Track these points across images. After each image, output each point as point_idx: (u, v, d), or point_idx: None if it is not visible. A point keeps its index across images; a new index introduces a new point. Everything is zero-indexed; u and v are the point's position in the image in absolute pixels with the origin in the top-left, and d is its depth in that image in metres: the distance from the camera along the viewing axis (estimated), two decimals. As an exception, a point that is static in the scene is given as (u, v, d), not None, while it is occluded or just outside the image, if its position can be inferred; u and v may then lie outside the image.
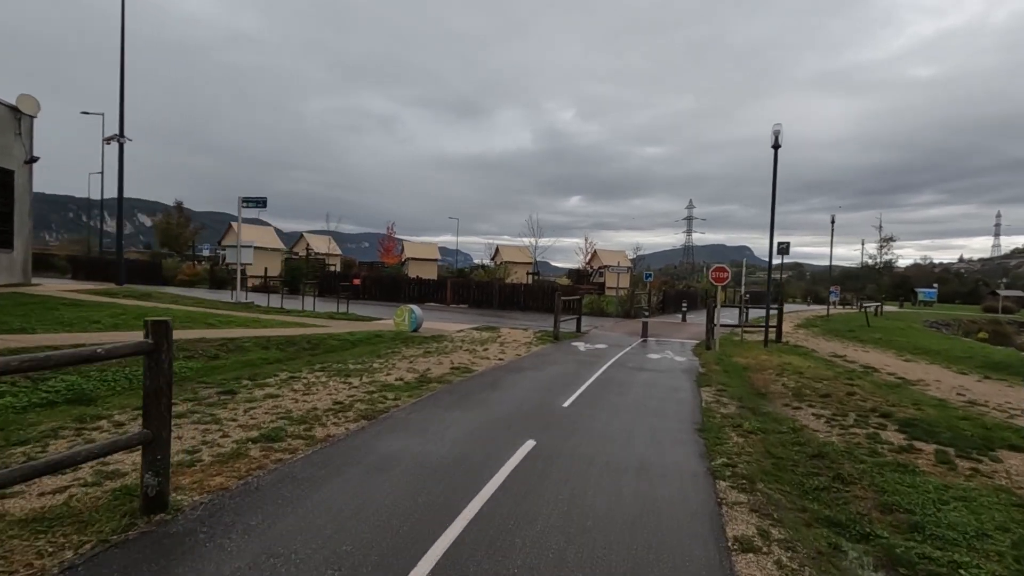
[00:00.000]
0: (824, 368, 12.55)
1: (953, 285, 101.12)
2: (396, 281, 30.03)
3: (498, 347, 13.80)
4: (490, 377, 9.76)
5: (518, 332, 17.72)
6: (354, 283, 30.22)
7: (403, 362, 10.72)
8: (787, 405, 8.77)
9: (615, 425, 6.95)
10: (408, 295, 29.74)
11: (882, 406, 8.71)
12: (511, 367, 10.97)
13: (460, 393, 8.31)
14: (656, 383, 10.13)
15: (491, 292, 28.54)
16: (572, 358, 12.74)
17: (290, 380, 8.53)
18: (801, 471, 5.65)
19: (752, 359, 13.60)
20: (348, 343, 12.48)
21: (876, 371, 12.80)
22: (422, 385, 8.71)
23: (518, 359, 12.10)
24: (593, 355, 13.42)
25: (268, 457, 5.11)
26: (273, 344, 10.86)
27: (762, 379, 11.10)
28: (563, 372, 10.72)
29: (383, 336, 14.06)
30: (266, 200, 19.11)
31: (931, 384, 11.31)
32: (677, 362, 13.03)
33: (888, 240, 35.14)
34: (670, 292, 33.56)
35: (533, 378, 9.90)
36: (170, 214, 66.38)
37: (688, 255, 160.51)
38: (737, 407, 8.43)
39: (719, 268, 14.90)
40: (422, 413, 7.01)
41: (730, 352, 14.87)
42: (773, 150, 15.64)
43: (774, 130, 15.56)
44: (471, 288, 28.97)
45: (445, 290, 29.10)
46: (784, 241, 17.21)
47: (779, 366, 12.44)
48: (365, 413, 6.81)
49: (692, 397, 9.04)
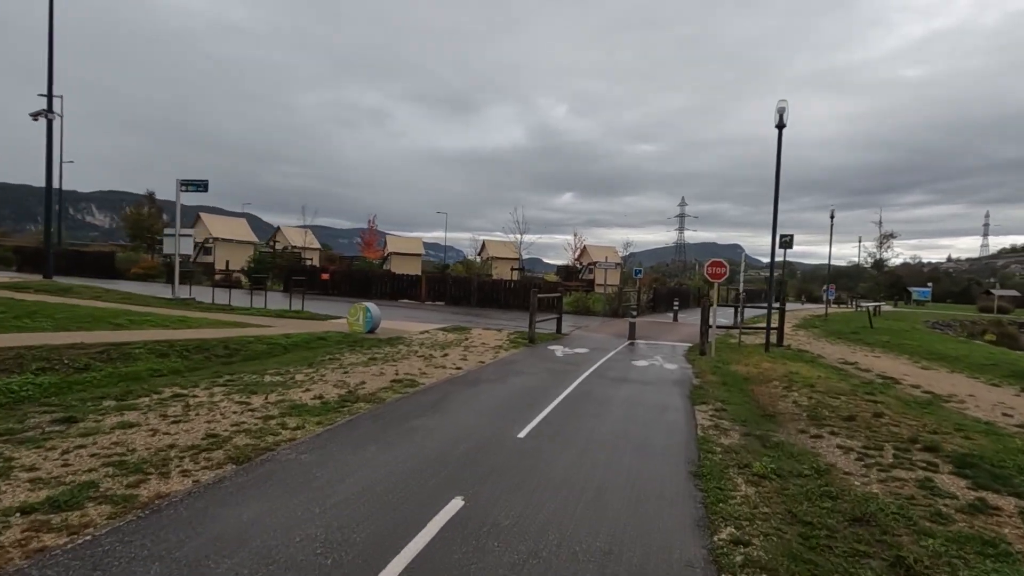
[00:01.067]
0: (837, 379, 10.89)
1: (945, 284, 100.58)
2: (368, 276, 28.14)
3: (461, 352, 12.00)
4: (436, 394, 7.96)
5: (490, 333, 15.94)
6: (322, 278, 28.31)
7: (335, 373, 8.89)
8: (803, 432, 7.05)
9: (582, 470, 5.19)
10: (380, 291, 27.84)
11: (921, 433, 7.02)
12: (467, 379, 9.18)
13: (387, 418, 6.51)
14: (641, 400, 8.39)
15: (469, 289, 26.73)
16: (545, 366, 10.97)
17: (171, 400, 6.68)
18: (842, 551, 3.91)
19: (753, 367, 11.92)
20: (279, 348, 10.63)
21: (896, 383, 11.17)
22: (344, 406, 6.90)
23: (480, 368, 10.32)
24: (570, 362, 11.67)
25: (26, 545, 3.29)
26: (177, 350, 8.98)
27: (767, 394, 9.40)
28: (530, 385, 8.94)
29: (328, 339, 12.21)
30: (207, 183, 17.15)
31: (965, 400, 9.67)
32: (667, 371, 11.31)
33: (888, 236, 34.03)
34: (661, 290, 31.94)
35: (490, 394, 8.11)
36: (140, 204, 63.72)
37: (680, 253, 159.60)
38: (741, 435, 6.71)
39: (716, 263, 13.21)
40: (321, 452, 5.20)
41: (727, 358, 13.19)
42: (777, 130, 13.96)
43: (778, 107, 13.88)
44: (448, 284, 27.13)
45: (420, 286, 27.24)
46: (787, 234, 15.57)
47: (785, 376, 10.75)
48: (240, 453, 4.99)
49: (685, 420, 7.30)
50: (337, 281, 28.30)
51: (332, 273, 28.43)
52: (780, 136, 14.00)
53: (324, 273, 28.31)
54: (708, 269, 13.29)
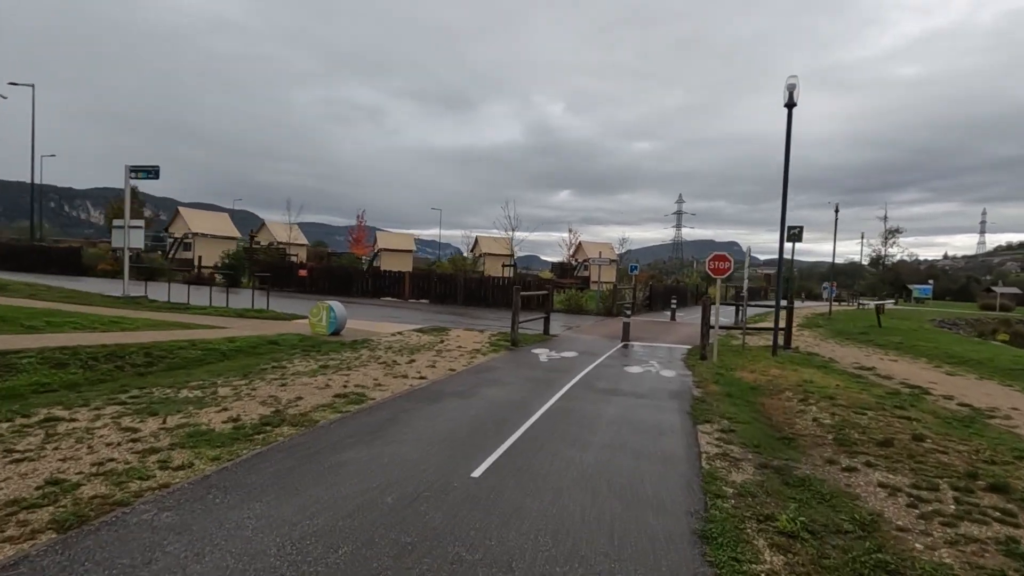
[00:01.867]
0: (858, 389, 9.58)
1: (943, 282, 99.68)
2: (348, 273, 26.72)
3: (431, 357, 10.64)
4: (384, 413, 6.59)
5: (471, 335, 14.58)
6: (300, 275, 26.91)
7: (271, 386, 7.52)
8: (832, 462, 5.73)
9: (547, 530, 3.83)
10: (362, 289, 26.43)
11: (978, 464, 5.70)
12: (429, 392, 7.82)
13: (309, 450, 5.14)
14: (633, 419, 7.05)
15: (455, 286, 25.35)
16: (525, 374, 9.62)
17: (36, 427, 5.31)
18: None
19: (761, 374, 10.60)
20: (216, 355, 9.24)
21: (926, 393, 9.86)
22: (261, 432, 5.54)
23: (448, 377, 8.96)
24: (555, 368, 10.32)
25: None
26: (81, 359, 7.59)
27: (781, 408, 8.08)
28: (503, 399, 7.59)
29: (281, 343, 10.83)
30: (158, 169, 15.72)
31: (1012, 416, 8.37)
32: (664, 379, 9.97)
33: (894, 232, 32.66)
34: (657, 287, 30.65)
35: (452, 413, 6.75)
36: (121, 198, 61.99)
37: (677, 250, 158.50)
38: (756, 467, 5.38)
39: (718, 257, 11.86)
40: (192, 508, 3.83)
41: (731, 363, 11.87)
42: (787, 109, 12.61)
43: (788, 84, 12.54)
44: (432, 281, 25.76)
45: (403, 284, 25.86)
46: (796, 226, 14.22)
47: (799, 386, 9.43)
48: (74, 513, 3.63)
49: (686, 447, 5.96)
50: (316, 278, 26.88)
51: (311, 270, 27.01)
52: (790, 116, 12.66)
53: (302, 269, 26.89)
54: (710, 264, 11.95)
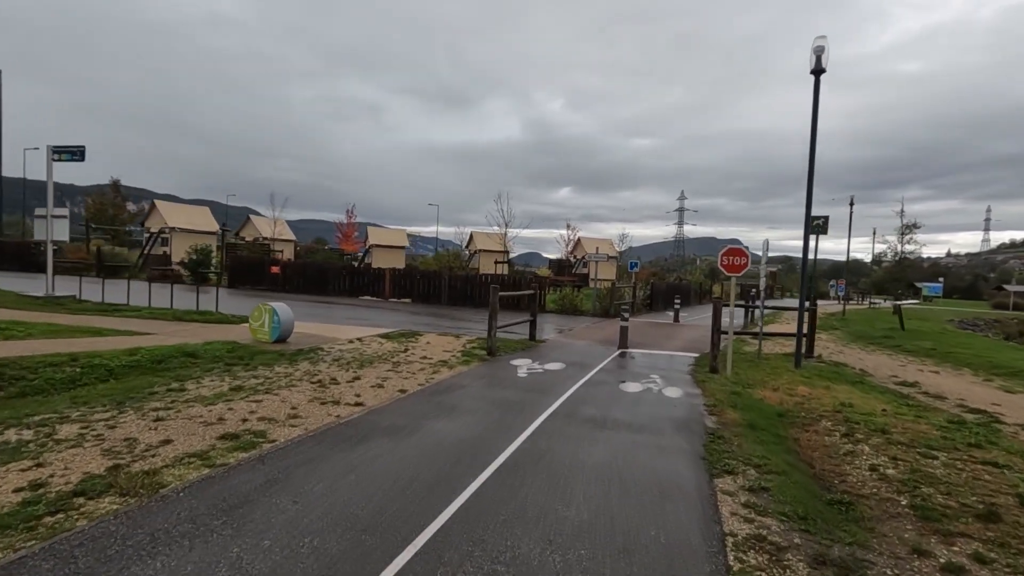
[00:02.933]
0: (911, 415, 7.70)
1: (949, 280, 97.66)
2: (323, 270, 24.85)
3: (383, 373, 8.76)
4: (271, 468, 4.70)
5: (444, 341, 12.71)
6: (272, 272, 25.05)
7: (143, 420, 5.65)
8: (922, 553, 3.85)
9: None
10: (339, 287, 24.55)
11: None
12: (357, 427, 5.94)
13: (98, 555, 3.26)
14: (626, 470, 5.16)
15: (439, 284, 23.46)
16: (493, 397, 7.74)
17: None
18: None
19: (786, 393, 8.73)
20: (100, 372, 7.36)
21: (994, 420, 7.98)
22: (61, 509, 3.67)
23: (393, 402, 7.08)
24: (533, 387, 8.44)
25: None
26: None
27: (822, 447, 6.20)
28: (451, 440, 5.71)
29: (201, 355, 8.94)
30: (83, 150, 13.83)
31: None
32: (668, 402, 8.09)
33: (911, 227, 30.57)
34: (659, 285, 28.73)
35: (370, 467, 4.87)
36: (104, 194, 60.13)
37: (679, 248, 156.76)
38: (810, 567, 3.51)
39: (734, 251, 9.93)
40: None
41: (748, 377, 9.99)
42: (814, 76, 10.69)
43: (816, 47, 10.62)
44: (415, 279, 23.86)
45: (384, 282, 23.96)
46: (821, 216, 12.28)
47: (837, 411, 7.56)
48: None
49: (701, 525, 4.08)
50: (290, 276, 24.99)
51: (284, 267, 25.11)
52: (817, 84, 10.73)
53: (274, 266, 25.01)
54: (723, 259, 10.03)
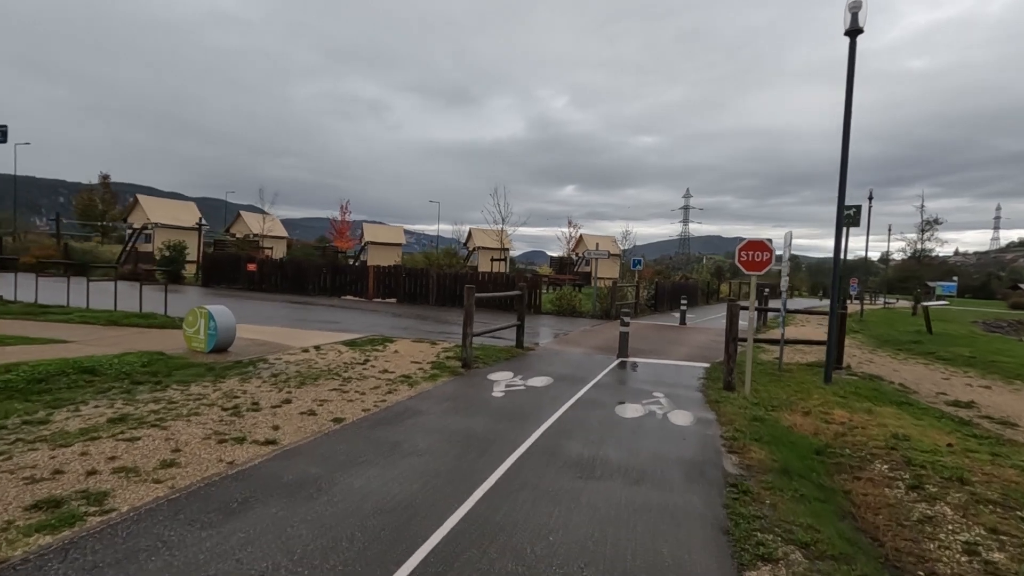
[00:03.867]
0: (983, 451, 6.08)
1: (961, 279, 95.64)
2: (302, 268, 23.31)
3: (326, 394, 7.17)
4: (71, 568, 3.12)
5: (416, 349, 11.13)
6: (249, 269, 23.53)
7: (-60, 475, 4.09)
8: None
9: None
10: (319, 286, 22.99)
11: None
12: (258, 477, 4.36)
13: None
14: (620, 553, 3.56)
15: (426, 283, 21.87)
16: (454, 427, 6.15)
17: None
18: None
19: (821, 418, 7.12)
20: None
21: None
22: None
23: (320, 437, 5.49)
24: (508, 412, 6.85)
25: None
26: None
27: (883, 505, 4.60)
28: (379, 499, 4.12)
29: (105, 371, 7.36)
30: (5, 129, 12.29)
31: None
32: (675, 433, 6.48)
33: (932, 223, 28.39)
34: (664, 284, 27.08)
35: (249, 545, 3.29)
36: (93, 190, 58.75)
37: (684, 246, 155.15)
38: None
39: (755, 244, 8.25)
40: None
41: (770, 395, 8.37)
42: (848, 38, 9.04)
43: (851, 3, 8.98)
44: (400, 278, 22.26)
45: (367, 280, 22.38)
46: (853, 206, 10.60)
47: (891, 448, 5.94)
48: None
49: None
50: (267, 274, 23.45)
51: (260, 264, 23.57)
52: (853, 46, 9.07)
53: (250, 263, 23.48)
54: (741, 254, 8.37)
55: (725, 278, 59.00)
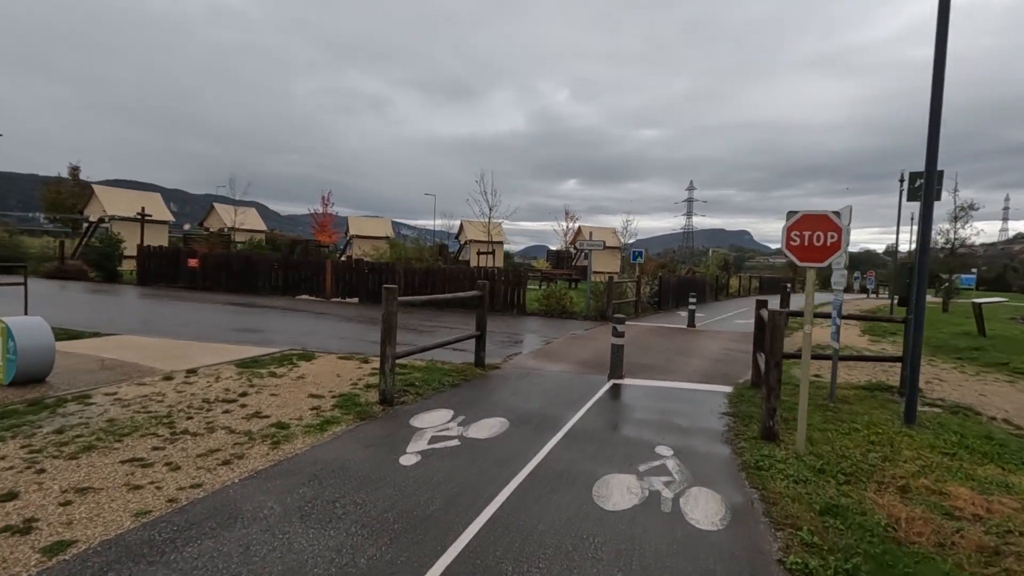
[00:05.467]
0: None
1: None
2: (251, 262, 20.43)
3: (117, 467, 4.35)
4: None
5: (338, 369, 8.25)
6: (190, 265, 20.69)
7: None
8: None
9: None
10: (271, 283, 20.13)
11: None
12: None
13: None
14: None
15: (392, 280, 19.01)
16: (299, 548, 3.31)
17: None
18: None
19: (935, 505, 4.28)
20: None
21: None
22: None
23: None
24: (413, 507, 4.00)
25: None
26: None
27: None
28: None
29: None
30: None
31: None
32: (697, 549, 3.63)
33: (967, 209, 25.43)
34: (669, 279, 24.21)
35: None
36: (61, 183, 55.90)
37: (688, 239, 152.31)
38: None
39: (814, 219, 5.21)
40: None
41: (837, 451, 5.51)
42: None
43: None
44: (363, 274, 19.38)
45: (324, 277, 19.51)
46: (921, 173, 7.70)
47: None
48: None
49: None
50: (211, 270, 20.59)
51: (203, 259, 20.70)
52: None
53: (192, 258, 20.61)
54: (793, 236, 5.37)
55: (732, 271, 56.07)
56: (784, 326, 5.90)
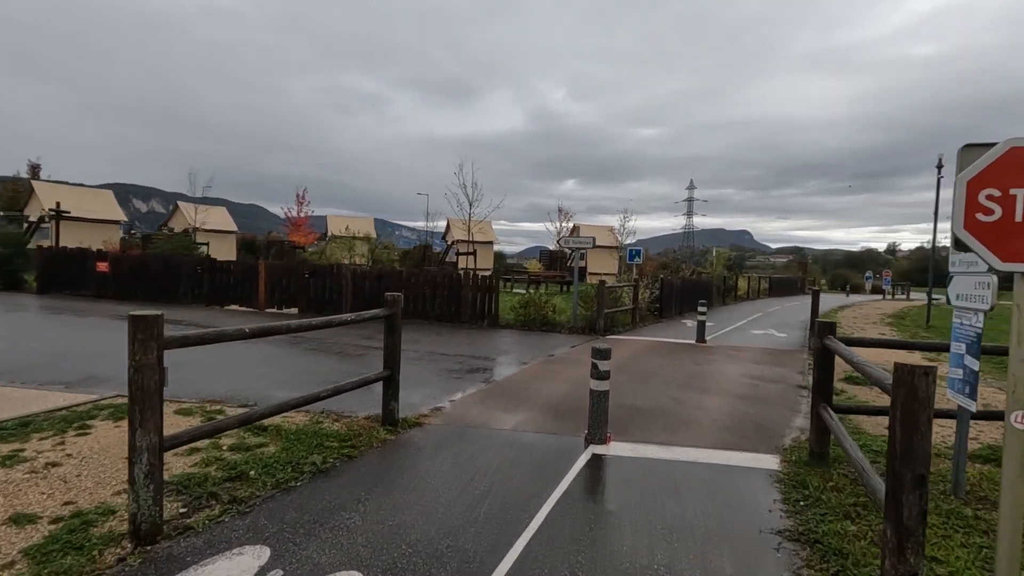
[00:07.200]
0: None
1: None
2: (170, 266, 17.28)
3: None
4: None
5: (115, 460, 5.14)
6: (99, 269, 17.56)
7: None
8: None
9: None
10: (194, 290, 16.98)
11: None
12: None
13: None
14: None
15: (340, 285, 15.89)
16: None
17: None
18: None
19: None
20: None
21: None
22: None
23: None
24: None
25: None
26: None
27: None
28: None
29: None
30: None
31: None
32: None
33: None
34: (672, 282, 21.13)
35: None
36: (18, 181, 52.62)
37: (689, 239, 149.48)
38: None
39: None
40: None
41: None
42: None
43: None
44: (303, 279, 16.24)
45: (257, 282, 16.37)
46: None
47: None
48: None
49: None
50: (123, 275, 17.43)
51: (114, 262, 17.53)
52: None
53: (101, 261, 17.45)
54: (982, 199, 2.46)
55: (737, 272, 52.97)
56: (930, 404, 2.81)
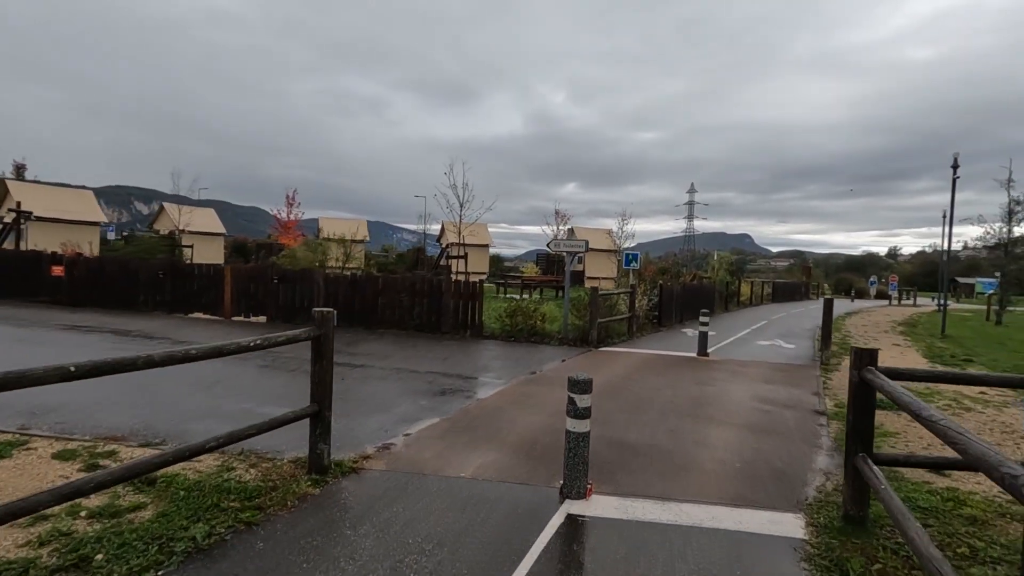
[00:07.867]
0: None
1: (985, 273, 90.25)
2: (130, 271, 16.09)
3: None
4: None
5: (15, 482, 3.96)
6: (54, 274, 16.39)
7: None
8: None
9: None
10: (157, 297, 15.80)
11: None
12: None
13: None
14: None
15: (312, 291, 14.73)
16: None
17: None
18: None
19: None
20: None
21: None
22: None
23: None
24: None
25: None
26: None
27: None
28: None
29: None
30: None
31: None
32: None
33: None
34: (672, 288, 19.98)
35: None
36: (3, 182, 51.60)
37: (690, 243, 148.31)
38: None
39: None
40: None
41: None
42: None
43: None
44: (271, 284, 15.08)
45: (223, 288, 15.21)
46: None
47: None
48: None
49: None
50: (79, 280, 16.27)
51: (69, 266, 16.37)
52: None
53: (56, 266, 16.29)
54: None
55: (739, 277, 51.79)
56: None
